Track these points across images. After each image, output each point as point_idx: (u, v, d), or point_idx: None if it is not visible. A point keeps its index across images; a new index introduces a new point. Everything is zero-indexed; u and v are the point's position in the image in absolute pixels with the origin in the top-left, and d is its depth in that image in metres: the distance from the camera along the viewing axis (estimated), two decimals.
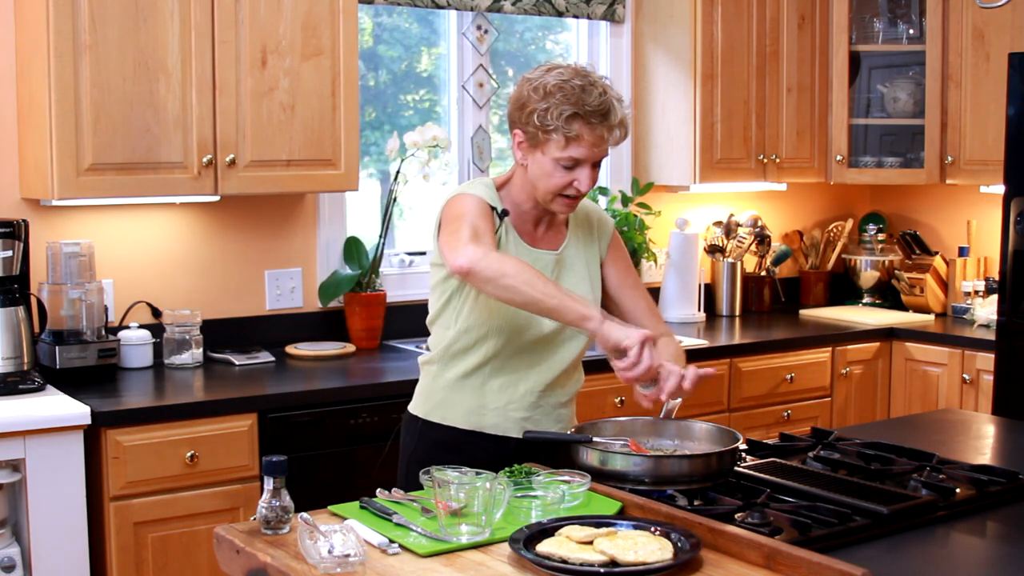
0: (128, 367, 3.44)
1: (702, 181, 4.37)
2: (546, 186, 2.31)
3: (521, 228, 2.41)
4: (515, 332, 2.36)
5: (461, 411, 2.41)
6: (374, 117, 4.13)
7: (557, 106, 2.23)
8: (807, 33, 4.61)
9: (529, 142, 2.30)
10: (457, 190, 2.40)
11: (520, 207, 2.40)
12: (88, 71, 3.10)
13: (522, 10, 4.23)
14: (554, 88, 2.25)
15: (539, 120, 2.25)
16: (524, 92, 2.30)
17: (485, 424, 2.40)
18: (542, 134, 2.26)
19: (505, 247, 2.36)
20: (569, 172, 2.28)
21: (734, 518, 1.93)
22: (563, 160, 2.27)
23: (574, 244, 2.47)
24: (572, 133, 2.24)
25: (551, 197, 2.32)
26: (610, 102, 2.27)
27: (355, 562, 1.73)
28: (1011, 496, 2.15)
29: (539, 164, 2.30)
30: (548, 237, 2.45)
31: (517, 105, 2.31)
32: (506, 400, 2.39)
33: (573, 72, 2.28)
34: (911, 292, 4.76)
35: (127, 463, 2.94)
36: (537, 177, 2.31)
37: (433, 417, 2.44)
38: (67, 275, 3.30)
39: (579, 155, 2.26)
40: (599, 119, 2.25)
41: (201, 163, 3.28)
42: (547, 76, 2.28)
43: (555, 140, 2.26)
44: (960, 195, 4.88)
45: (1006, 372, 3.88)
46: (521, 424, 2.40)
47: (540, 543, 1.77)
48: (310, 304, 3.90)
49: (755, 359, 4.09)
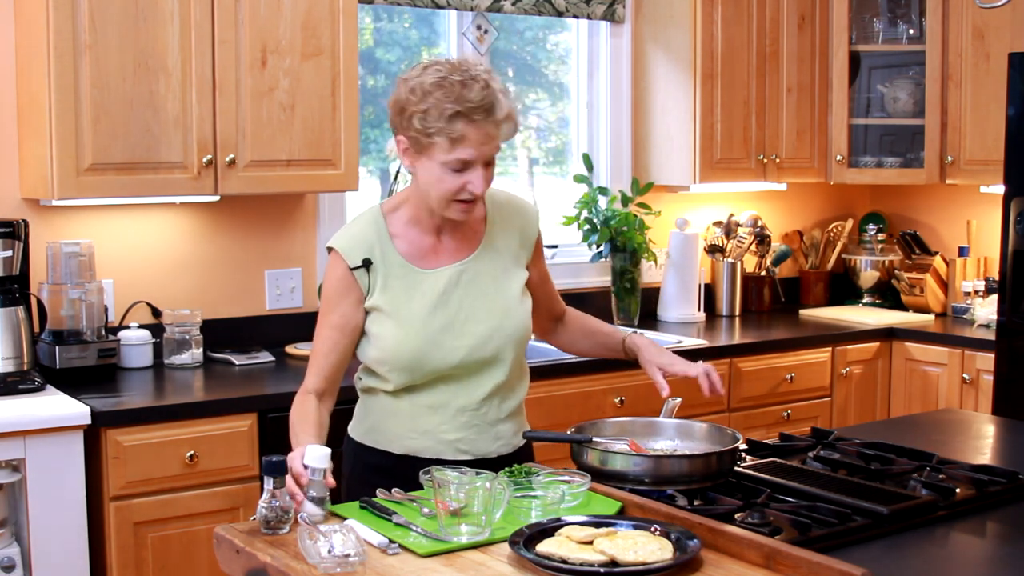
0: (128, 367, 3.44)
1: (702, 181, 4.37)
2: (438, 192, 2.15)
3: (417, 248, 2.26)
4: (416, 365, 2.23)
5: (392, 435, 2.29)
6: (373, 116, 4.13)
7: (437, 106, 2.08)
8: (807, 33, 4.61)
9: (414, 148, 2.15)
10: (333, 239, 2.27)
11: (416, 222, 2.26)
12: (88, 71, 3.10)
13: (522, 10, 4.23)
14: (432, 87, 2.09)
15: (420, 123, 2.10)
16: (402, 94, 2.14)
17: (417, 448, 2.27)
18: (424, 138, 2.11)
19: (389, 288, 2.23)
20: (460, 175, 2.13)
21: (734, 518, 1.93)
22: (451, 163, 2.11)
23: (489, 247, 2.32)
24: (456, 133, 2.09)
25: (446, 204, 2.17)
26: (494, 95, 2.11)
27: (355, 562, 1.73)
28: (1011, 496, 2.15)
29: (428, 170, 2.15)
30: (456, 246, 2.29)
31: (396, 109, 2.15)
32: (437, 421, 2.26)
33: (451, 67, 2.12)
34: (911, 292, 4.76)
35: (127, 463, 2.94)
36: (428, 184, 2.16)
37: (367, 441, 2.33)
38: (67, 275, 3.30)
39: (467, 156, 2.11)
40: (483, 115, 2.09)
41: (201, 163, 3.28)
42: (424, 75, 2.12)
43: (439, 143, 2.10)
44: (960, 195, 4.88)
45: (1006, 372, 3.88)
46: (455, 446, 2.26)
47: (540, 543, 1.77)
48: (310, 304, 3.90)
49: (755, 359, 4.09)
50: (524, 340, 2.34)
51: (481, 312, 2.26)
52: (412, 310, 2.23)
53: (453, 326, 2.24)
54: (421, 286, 2.24)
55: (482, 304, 2.27)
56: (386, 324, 2.23)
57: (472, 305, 2.26)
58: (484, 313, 2.27)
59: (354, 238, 2.26)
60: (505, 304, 2.29)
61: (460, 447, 2.27)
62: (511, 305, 2.30)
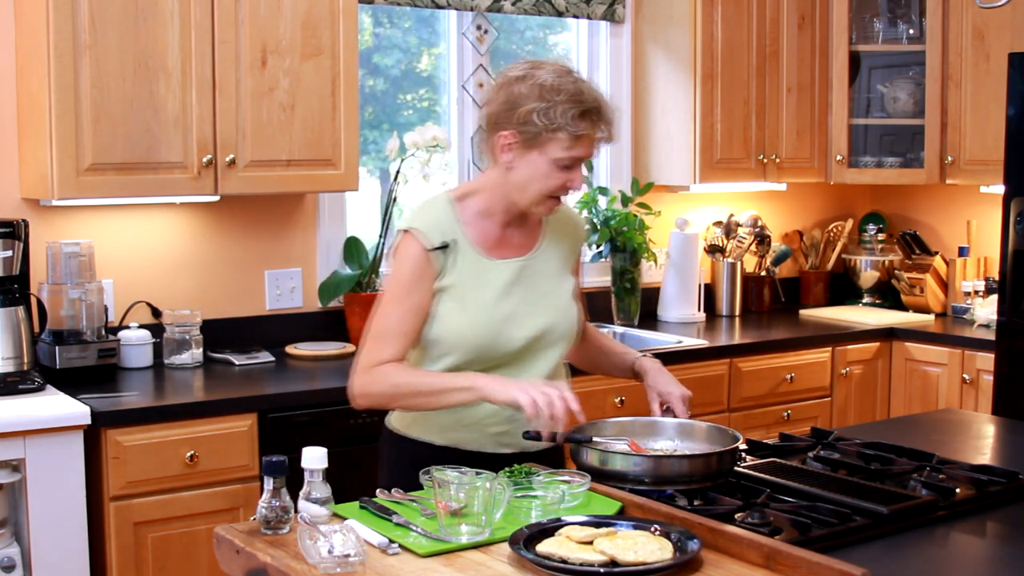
0: (128, 367, 3.44)
1: (702, 181, 4.37)
2: (539, 188, 2.23)
3: (486, 238, 2.32)
4: (477, 350, 2.28)
5: (436, 427, 2.33)
6: (373, 117, 4.13)
7: (561, 104, 2.17)
8: (807, 33, 4.61)
9: (524, 143, 2.21)
10: (408, 221, 2.32)
11: (488, 214, 2.32)
12: (88, 71, 3.10)
13: (522, 10, 4.23)
14: (552, 87, 2.18)
15: (540, 119, 2.17)
16: (515, 91, 2.21)
17: (460, 440, 2.32)
18: (547, 133, 2.18)
19: (458, 272, 2.28)
20: (565, 172, 2.22)
21: (734, 518, 1.93)
22: (564, 160, 2.20)
23: (548, 247, 2.39)
24: (579, 132, 2.18)
25: (540, 199, 2.25)
26: (602, 97, 2.23)
27: (355, 562, 1.73)
28: (1011, 496, 2.15)
29: (533, 165, 2.22)
30: (518, 242, 2.36)
31: (507, 106, 2.22)
32: (483, 414, 2.30)
33: (563, 69, 2.22)
34: (911, 292, 4.76)
35: (127, 463, 2.94)
36: (529, 179, 2.23)
37: (411, 432, 2.37)
38: (67, 275, 3.30)
39: (582, 154, 2.21)
40: (599, 116, 2.22)
41: (201, 163, 3.28)
42: (539, 74, 2.20)
43: (559, 139, 2.18)
44: (960, 195, 4.88)
45: (1006, 372, 3.88)
46: (497, 439, 2.32)
47: (540, 543, 1.76)
48: (310, 304, 3.90)
49: (755, 359, 4.09)
50: (572, 341, 2.42)
51: (539, 307, 2.33)
52: (480, 295, 2.28)
53: (514, 317, 2.30)
54: (488, 274, 2.30)
55: (540, 300, 2.34)
56: (453, 306, 2.28)
57: (531, 300, 2.33)
58: (541, 308, 2.33)
59: (432, 220, 2.30)
60: (559, 303, 2.37)
61: (503, 440, 2.32)
62: (565, 305, 2.38)
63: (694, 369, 3.91)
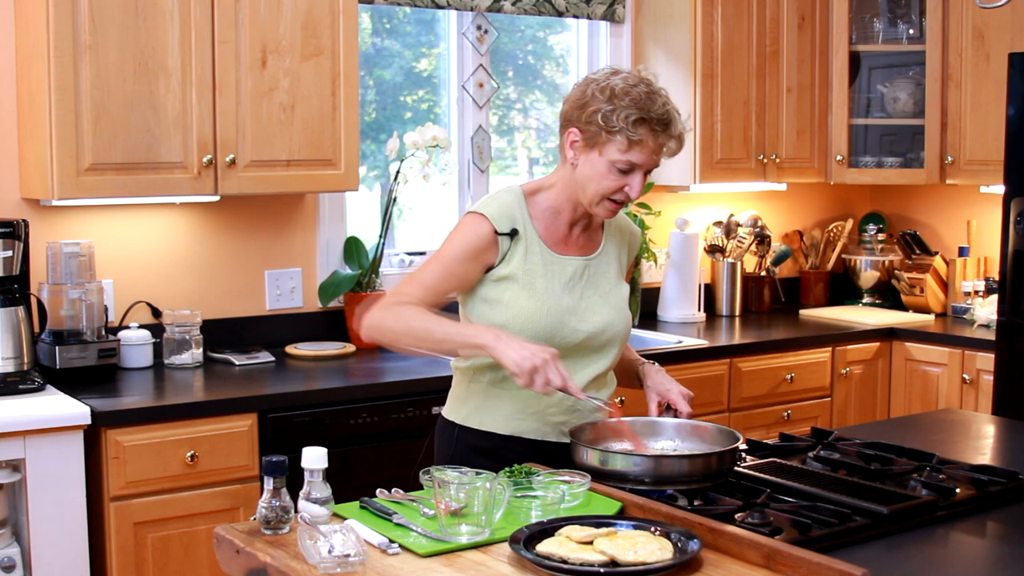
0: (128, 367, 3.44)
1: (702, 181, 4.37)
2: (596, 188, 2.30)
3: (552, 234, 2.40)
4: (541, 338, 2.31)
5: (499, 416, 2.39)
6: (374, 117, 4.13)
7: (624, 109, 2.24)
8: (807, 33, 4.61)
9: (586, 142, 2.29)
10: (480, 206, 2.38)
11: (556, 211, 2.40)
12: (88, 71, 3.10)
13: (522, 10, 4.23)
14: (621, 92, 2.25)
15: (603, 120, 2.25)
16: (588, 92, 2.29)
17: (523, 429, 2.38)
18: (605, 134, 2.25)
19: (525, 261, 2.34)
20: (622, 176, 2.28)
21: (734, 518, 1.93)
22: (620, 163, 2.26)
23: (607, 252, 2.47)
24: (636, 137, 2.24)
25: (599, 199, 2.32)
26: (672, 113, 2.29)
27: (355, 562, 1.74)
28: (1011, 496, 2.15)
29: (593, 165, 2.29)
30: (581, 243, 2.44)
31: (578, 104, 2.30)
32: (546, 403, 2.36)
33: (638, 79, 2.29)
34: (911, 292, 4.76)
35: (127, 463, 2.94)
36: (588, 178, 2.31)
37: (471, 423, 2.42)
38: (67, 275, 3.30)
39: (638, 160, 2.26)
40: (662, 127, 2.27)
41: (201, 163, 3.28)
42: (613, 79, 2.28)
43: (617, 142, 2.25)
44: (960, 195, 4.88)
45: (1006, 372, 3.88)
46: (559, 428, 2.38)
47: (540, 543, 1.77)
48: (310, 304, 3.90)
49: (755, 359, 4.09)
50: (626, 341, 2.49)
51: (599, 305, 2.41)
52: (547, 286, 2.35)
53: (577, 310, 2.37)
54: (554, 266, 2.37)
55: (600, 298, 2.42)
56: (520, 294, 2.34)
57: (592, 297, 2.41)
58: (602, 306, 2.41)
59: (503, 207, 2.37)
60: (618, 303, 2.45)
61: (563, 429, 2.37)
62: (622, 307, 2.46)
63: (694, 369, 3.91)
